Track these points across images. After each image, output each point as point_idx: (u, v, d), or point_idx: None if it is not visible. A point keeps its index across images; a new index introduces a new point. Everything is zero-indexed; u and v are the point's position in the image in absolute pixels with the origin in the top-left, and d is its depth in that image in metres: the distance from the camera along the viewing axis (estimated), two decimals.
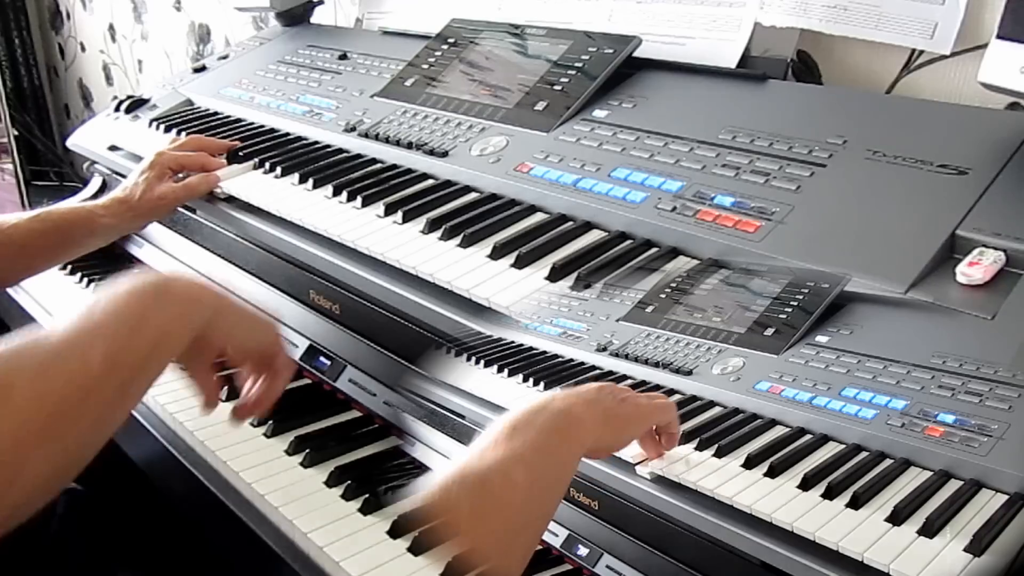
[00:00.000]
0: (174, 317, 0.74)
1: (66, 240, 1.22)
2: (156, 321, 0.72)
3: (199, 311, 0.77)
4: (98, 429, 0.69)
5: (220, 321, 0.80)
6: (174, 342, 0.74)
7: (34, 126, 3.32)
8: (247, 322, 0.85)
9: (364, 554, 0.90)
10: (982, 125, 0.99)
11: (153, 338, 0.71)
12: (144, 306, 0.71)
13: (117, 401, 0.70)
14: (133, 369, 0.70)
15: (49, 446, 0.64)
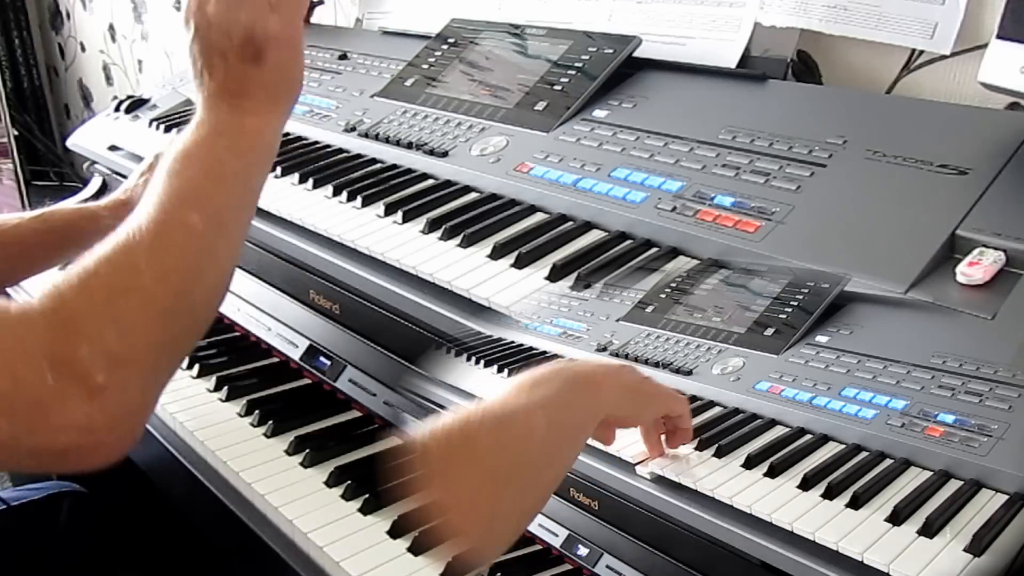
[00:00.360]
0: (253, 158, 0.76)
1: (68, 241, 1.22)
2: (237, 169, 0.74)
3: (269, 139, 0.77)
4: (220, 282, 0.73)
5: (288, 114, 0.79)
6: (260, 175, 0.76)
7: (34, 126, 3.33)
8: (294, 85, 0.79)
9: (364, 554, 0.90)
10: (982, 125, 0.99)
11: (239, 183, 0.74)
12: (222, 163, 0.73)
13: (232, 247, 0.73)
14: (237, 218, 0.74)
15: (187, 316, 0.70)
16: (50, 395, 0.63)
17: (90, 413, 0.63)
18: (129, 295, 0.67)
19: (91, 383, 0.63)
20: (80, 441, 0.64)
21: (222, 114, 0.75)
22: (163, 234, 0.70)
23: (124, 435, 0.66)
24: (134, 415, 0.67)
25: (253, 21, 0.68)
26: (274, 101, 0.77)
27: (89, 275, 0.68)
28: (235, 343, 1.28)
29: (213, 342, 1.28)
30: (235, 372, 1.21)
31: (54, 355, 0.64)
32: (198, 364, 1.22)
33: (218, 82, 0.73)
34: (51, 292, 0.67)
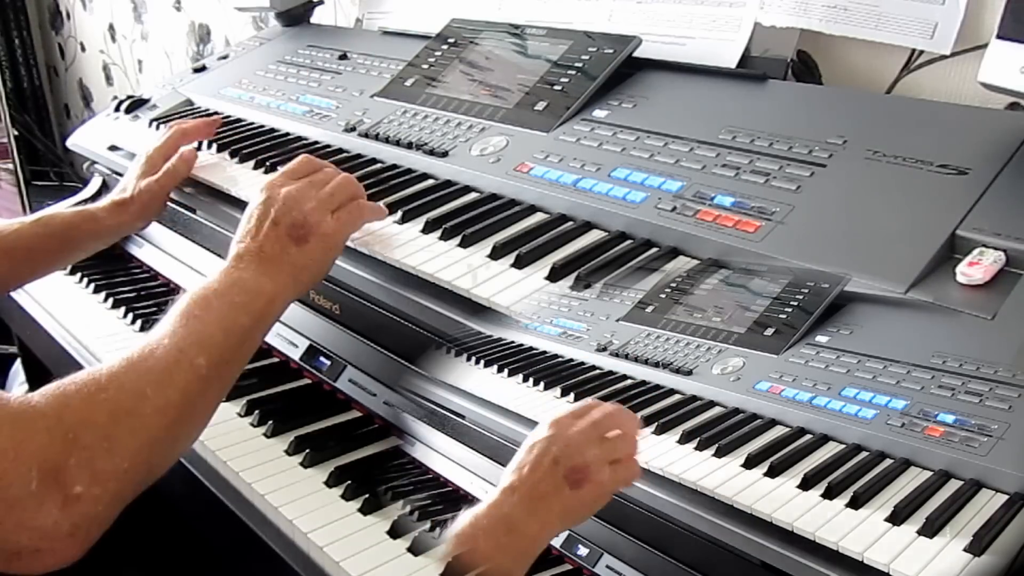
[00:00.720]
0: (260, 321, 0.86)
1: (69, 244, 1.22)
2: (246, 324, 0.84)
3: (279, 304, 0.89)
4: (205, 421, 0.83)
5: (305, 288, 0.92)
6: (261, 334, 0.88)
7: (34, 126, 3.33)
8: (324, 264, 0.95)
9: (364, 554, 0.90)
10: (982, 125, 0.99)
11: (243, 338, 0.85)
12: (233, 316, 0.83)
13: (221, 394, 0.84)
14: (233, 368, 0.84)
15: (170, 445, 0.78)
16: (28, 497, 0.66)
17: (59, 520, 0.67)
18: (129, 419, 0.73)
19: (68, 492, 0.67)
20: (39, 544, 0.67)
21: (248, 273, 0.87)
22: (173, 371, 0.77)
23: (79, 544, 0.69)
24: (94, 526, 0.70)
25: (313, 212, 0.72)
26: (296, 280, 0.90)
27: (99, 389, 0.72)
28: None
29: None
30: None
31: (45, 461, 0.67)
32: None
33: (259, 244, 0.83)
34: (58, 397, 0.71)
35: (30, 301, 1.46)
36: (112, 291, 1.44)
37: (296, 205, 0.72)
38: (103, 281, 1.47)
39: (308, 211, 0.71)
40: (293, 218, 0.71)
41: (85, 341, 1.33)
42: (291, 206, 0.72)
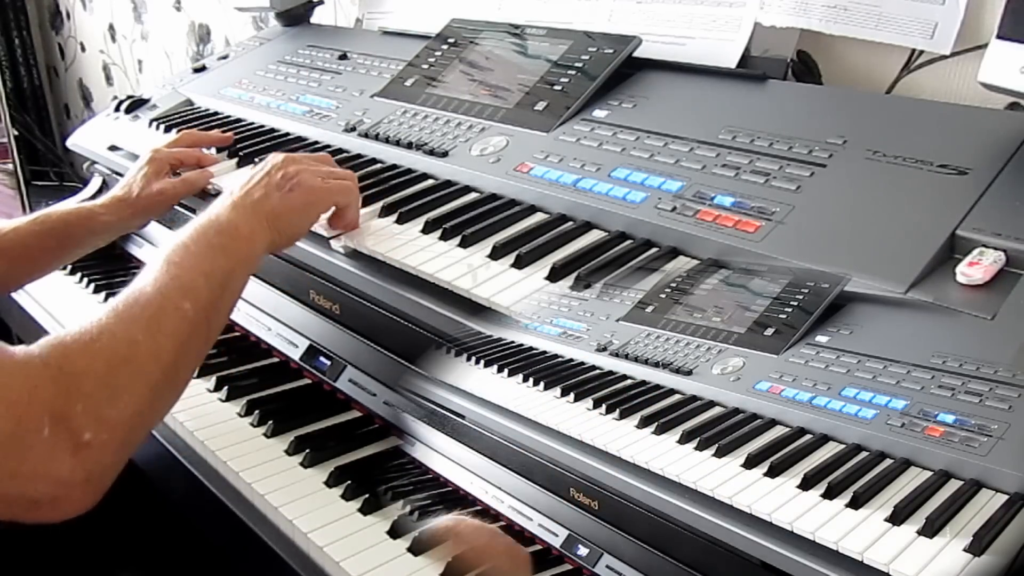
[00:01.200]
0: (239, 260, 0.89)
1: (67, 241, 1.22)
2: (225, 267, 0.87)
3: (258, 244, 0.92)
4: (199, 361, 0.85)
5: (282, 239, 0.96)
6: (242, 278, 0.90)
7: (34, 126, 3.33)
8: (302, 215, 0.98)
9: (364, 554, 0.90)
10: (982, 125, 0.99)
11: (224, 281, 0.87)
12: (212, 258, 0.86)
13: (210, 337, 0.86)
14: (219, 312, 0.86)
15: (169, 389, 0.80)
16: (42, 445, 0.68)
17: (72, 467, 0.69)
18: (126, 365, 0.75)
19: (79, 439, 0.70)
20: (55, 492, 0.70)
21: (225, 214, 0.89)
22: (160, 316, 0.80)
23: (94, 491, 0.72)
24: (106, 473, 0.73)
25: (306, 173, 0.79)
26: (274, 225, 0.93)
27: (93, 340, 0.75)
28: (235, 343, 1.28)
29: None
30: (235, 372, 1.21)
31: (54, 409, 0.69)
32: None
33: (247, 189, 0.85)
34: (57, 348, 0.73)
35: (30, 301, 1.46)
36: (112, 291, 1.44)
37: (294, 165, 0.74)
38: (103, 281, 1.47)
39: (302, 170, 0.74)
40: (286, 172, 0.74)
41: None
42: (289, 164, 0.74)
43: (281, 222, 0.95)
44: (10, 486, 0.68)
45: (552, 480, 0.87)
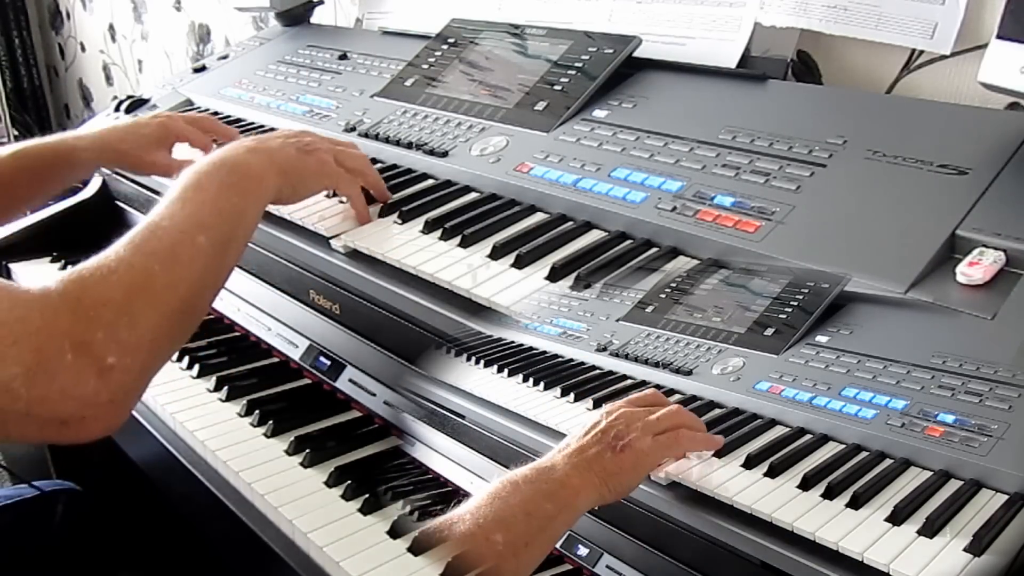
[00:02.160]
0: (251, 199, 0.93)
1: (46, 175, 1.23)
2: (238, 204, 0.91)
3: (268, 187, 0.97)
4: (214, 294, 0.88)
5: (288, 191, 1.02)
6: (254, 217, 0.94)
7: (34, 126, 3.33)
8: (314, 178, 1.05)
9: (364, 554, 0.90)
10: (982, 125, 0.99)
11: (238, 219, 0.91)
12: (225, 196, 0.90)
13: (225, 270, 0.89)
14: (232, 246, 0.89)
15: (185, 318, 0.83)
16: (67, 370, 0.72)
17: (97, 388, 0.73)
18: (143, 294, 0.78)
19: (102, 363, 0.73)
20: (84, 412, 0.73)
21: (240, 152, 0.95)
22: (177, 249, 0.83)
23: (120, 410, 0.76)
24: (131, 394, 0.77)
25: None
26: (283, 173, 0.99)
27: (111, 271, 0.78)
28: (235, 343, 1.28)
29: (213, 342, 1.28)
30: (235, 372, 1.21)
31: (75, 336, 0.73)
32: (198, 364, 1.22)
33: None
34: (75, 280, 0.77)
35: None
36: None
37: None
38: None
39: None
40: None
41: None
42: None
43: (291, 175, 1.00)
44: (41, 409, 0.72)
45: None
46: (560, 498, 0.74)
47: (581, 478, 0.75)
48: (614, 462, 0.75)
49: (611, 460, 0.75)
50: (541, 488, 0.74)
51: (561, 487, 0.74)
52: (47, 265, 1.53)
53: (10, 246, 1.53)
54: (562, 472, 0.75)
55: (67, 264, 1.52)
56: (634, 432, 0.76)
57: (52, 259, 1.55)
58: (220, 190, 0.90)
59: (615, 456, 0.75)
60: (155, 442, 1.15)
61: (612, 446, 0.75)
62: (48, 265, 1.53)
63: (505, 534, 0.74)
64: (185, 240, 0.84)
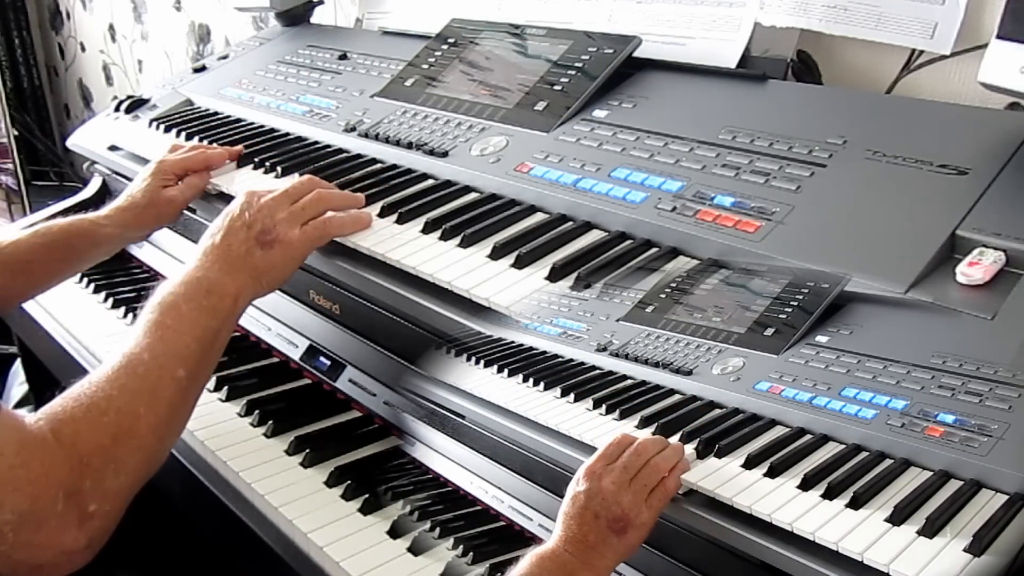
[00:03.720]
0: (226, 319, 0.93)
1: (69, 254, 1.20)
2: (214, 327, 0.91)
3: (244, 302, 0.95)
4: (186, 421, 0.90)
5: (264, 291, 0.98)
6: (227, 335, 0.94)
7: (34, 126, 3.32)
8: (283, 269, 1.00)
9: (364, 554, 0.90)
10: (982, 125, 0.99)
11: (213, 341, 0.91)
12: (203, 322, 0.89)
13: (198, 396, 0.90)
14: (208, 369, 0.91)
15: (159, 457, 0.85)
16: (55, 519, 0.73)
17: (77, 537, 0.75)
18: (129, 440, 0.80)
19: (84, 511, 0.75)
20: (58, 560, 0.75)
21: (213, 273, 0.93)
22: (158, 387, 0.84)
23: (92, 553, 0.78)
24: (103, 538, 0.79)
25: (283, 222, 0.80)
26: (257, 281, 0.96)
27: (101, 414, 0.80)
28: (235, 343, 1.28)
29: None
30: (235, 372, 1.21)
31: (67, 485, 0.74)
32: None
33: (227, 243, 0.88)
34: (68, 422, 0.78)
35: (34, 305, 1.46)
36: (112, 291, 1.44)
37: (269, 213, 0.76)
38: (103, 281, 1.47)
39: (278, 220, 0.76)
40: (264, 224, 0.76)
41: (85, 341, 1.33)
42: (264, 214, 0.76)
43: (265, 277, 0.98)
44: (20, 554, 0.73)
45: (552, 480, 0.87)
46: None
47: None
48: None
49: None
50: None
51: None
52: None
53: None
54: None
55: None
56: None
57: None
58: (198, 315, 0.91)
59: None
60: None
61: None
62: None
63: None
64: (165, 376, 0.85)
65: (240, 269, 0.94)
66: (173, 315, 0.89)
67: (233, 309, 0.95)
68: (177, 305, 0.90)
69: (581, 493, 0.76)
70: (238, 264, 0.95)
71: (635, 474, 0.75)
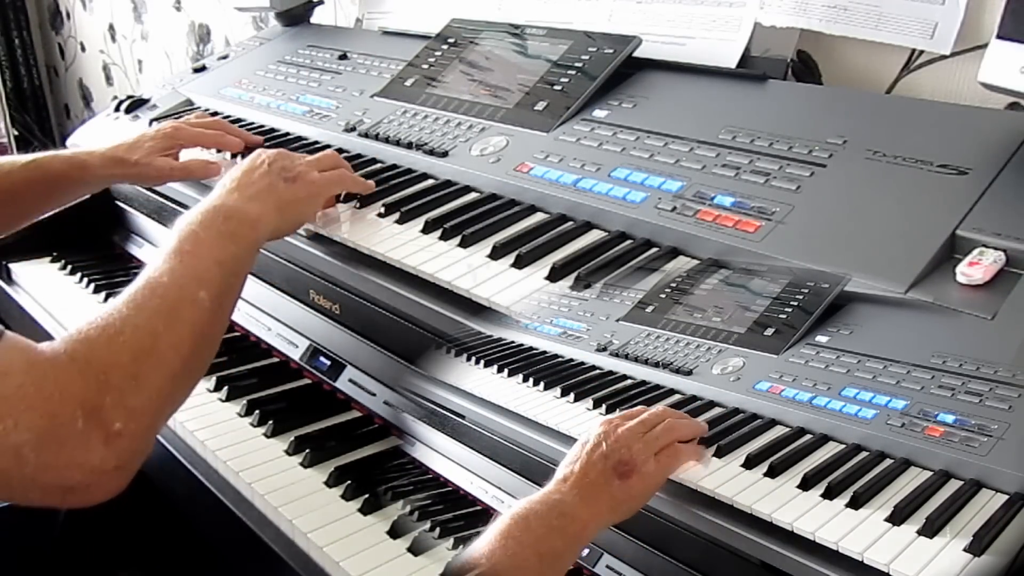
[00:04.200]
0: (248, 245, 0.93)
1: (57, 189, 1.24)
2: (235, 253, 0.90)
3: (264, 230, 0.96)
4: (214, 350, 0.88)
5: (286, 226, 1.02)
6: (250, 263, 0.94)
7: (34, 126, 3.32)
8: (306, 204, 1.04)
9: (364, 554, 0.90)
10: (982, 125, 0.99)
11: (237, 268, 0.91)
12: (223, 245, 0.89)
13: (223, 323, 0.89)
14: (231, 296, 0.90)
15: (188, 378, 0.83)
16: (76, 437, 0.72)
17: (104, 456, 0.73)
18: (149, 357, 0.78)
19: (110, 429, 0.73)
20: (89, 480, 0.73)
21: (233, 199, 0.95)
22: (179, 307, 0.83)
23: (125, 476, 0.76)
24: (136, 458, 0.76)
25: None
26: (280, 213, 0.99)
27: (117, 333, 0.78)
28: (235, 343, 1.28)
29: None
30: (235, 372, 1.21)
31: (86, 402, 0.72)
32: None
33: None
34: (82, 341, 0.76)
35: (30, 301, 1.46)
36: (112, 291, 1.44)
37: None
38: (103, 280, 1.47)
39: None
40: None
41: None
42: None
43: (287, 210, 1.00)
44: (47, 476, 0.71)
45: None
46: (569, 533, 0.73)
47: (589, 511, 0.74)
48: (622, 490, 0.74)
49: (619, 488, 0.74)
50: (552, 524, 0.73)
51: (571, 522, 0.73)
52: (47, 265, 1.53)
53: (10, 246, 1.53)
54: (571, 505, 0.74)
55: (67, 264, 1.52)
56: (638, 455, 0.75)
57: (52, 259, 1.55)
58: (217, 240, 0.90)
59: (622, 484, 0.74)
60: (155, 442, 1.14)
61: (618, 472, 0.75)
62: (48, 265, 1.53)
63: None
64: (186, 297, 0.83)
65: (261, 198, 0.97)
66: (192, 240, 0.89)
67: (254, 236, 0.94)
68: (195, 232, 0.90)
69: (592, 436, 0.76)
70: (259, 194, 0.97)
71: (651, 429, 0.76)
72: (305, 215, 1.05)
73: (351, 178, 1.12)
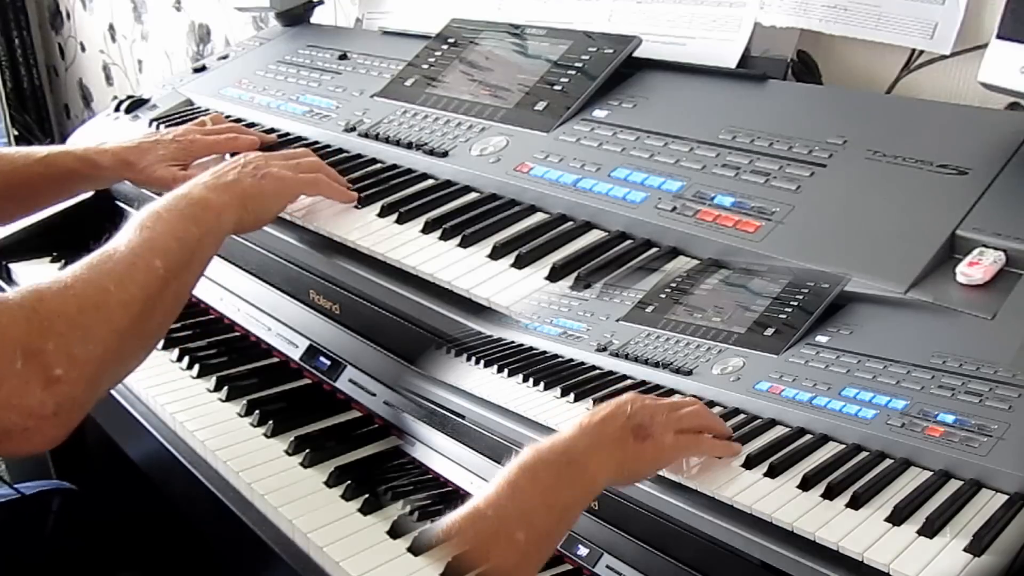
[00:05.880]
0: (208, 230, 0.95)
1: (66, 188, 1.28)
2: (195, 234, 0.92)
3: (227, 220, 0.98)
4: (167, 319, 0.90)
5: (249, 217, 1.02)
6: (211, 247, 0.96)
7: (34, 126, 3.33)
8: (272, 199, 1.05)
9: (364, 554, 0.90)
10: (982, 125, 0.99)
11: (196, 248, 0.92)
12: (183, 226, 0.91)
13: (179, 297, 0.91)
14: (189, 272, 0.92)
15: (136, 340, 0.85)
16: (15, 377, 0.73)
17: (43, 399, 0.74)
18: (96, 310, 0.80)
19: (50, 374, 0.74)
20: (26, 423, 0.74)
21: (198, 189, 0.97)
22: (132, 270, 0.85)
23: (63, 425, 0.77)
24: (76, 408, 0.77)
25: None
26: (243, 205, 1.00)
27: (67, 286, 0.80)
28: (235, 343, 1.28)
29: (213, 342, 1.28)
30: (235, 372, 1.21)
31: (27, 344, 0.74)
32: (198, 364, 1.22)
33: (218, 174, 0.93)
34: (32, 291, 0.78)
35: None
36: None
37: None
38: None
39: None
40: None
41: None
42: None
43: (251, 203, 1.01)
44: None
45: None
46: (579, 485, 0.73)
47: (597, 461, 0.73)
48: (634, 449, 0.74)
49: (631, 447, 0.74)
50: (560, 473, 0.72)
51: (581, 472, 0.73)
52: (47, 265, 1.53)
53: (10, 246, 1.53)
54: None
55: (67, 264, 1.52)
56: (659, 425, 0.75)
57: (52, 259, 1.55)
58: (178, 220, 0.92)
59: (636, 444, 0.74)
60: (155, 442, 1.15)
61: (636, 434, 0.75)
62: (48, 265, 1.53)
63: (527, 531, 0.72)
64: (140, 264, 0.85)
65: (225, 190, 0.99)
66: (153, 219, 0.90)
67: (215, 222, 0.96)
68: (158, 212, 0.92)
69: (617, 399, 0.76)
70: (224, 186, 0.99)
71: (678, 411, 0.76)
72: (270, 210, 1.06)
73: (327, 183, 1.12)
